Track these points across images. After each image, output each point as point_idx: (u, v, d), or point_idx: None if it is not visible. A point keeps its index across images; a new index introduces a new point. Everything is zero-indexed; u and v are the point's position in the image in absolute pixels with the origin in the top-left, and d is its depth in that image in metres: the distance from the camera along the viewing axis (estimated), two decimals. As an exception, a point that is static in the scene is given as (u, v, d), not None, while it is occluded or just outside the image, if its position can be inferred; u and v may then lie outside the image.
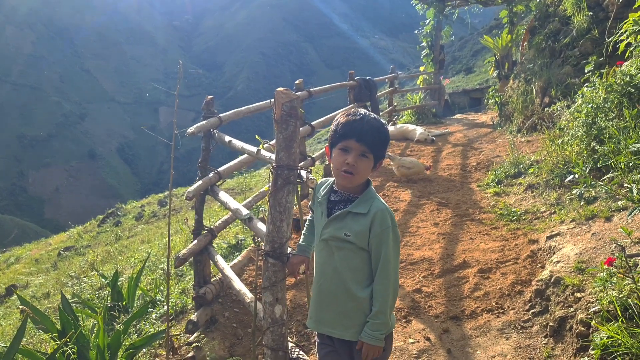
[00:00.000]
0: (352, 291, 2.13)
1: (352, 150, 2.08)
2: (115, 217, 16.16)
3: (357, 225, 2.10)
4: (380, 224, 2.07)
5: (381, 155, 2.17)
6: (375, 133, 2.10)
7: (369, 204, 2.12)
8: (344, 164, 2.09)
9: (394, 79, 13.76)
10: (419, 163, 7.67)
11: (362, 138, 2.07)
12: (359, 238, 2.09)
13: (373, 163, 2.13)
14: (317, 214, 2.27)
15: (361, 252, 2.12)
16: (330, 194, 2.23)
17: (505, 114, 10.94)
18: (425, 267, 4.72)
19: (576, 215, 4.52)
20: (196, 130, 4.20)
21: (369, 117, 2.12)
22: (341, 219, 2.14)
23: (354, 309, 2.14)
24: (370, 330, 2.09)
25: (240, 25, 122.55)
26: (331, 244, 2.15)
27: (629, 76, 4.79)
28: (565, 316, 3.28)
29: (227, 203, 3.93)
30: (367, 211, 2.09)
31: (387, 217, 2.09)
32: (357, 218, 2.11)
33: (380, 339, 2.11)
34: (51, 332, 3.90)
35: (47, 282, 9.24)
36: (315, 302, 2.26)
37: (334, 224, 2.15)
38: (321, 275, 2.22)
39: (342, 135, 2.11)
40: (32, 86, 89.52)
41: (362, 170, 2.10)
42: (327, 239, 2.16)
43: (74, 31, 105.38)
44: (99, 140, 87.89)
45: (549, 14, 9.75)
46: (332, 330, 2.20)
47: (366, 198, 2.14)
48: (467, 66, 52.77)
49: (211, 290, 4.31)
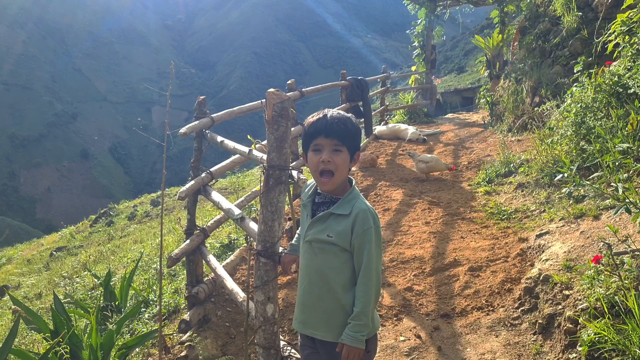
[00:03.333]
0: (335, 293, 2.13)
1: (324, 147, 2.09)
2: (107, 217, 16.09)
3: (339, 226, 2.09)
4: (362, 224, 2.06)
5: (355, 147, 2.15)
6: (342, 125, 2.09)
7: (351, 204, 2.11)
8: (319, 163, 2.09)
9: (386, 79, 13.80)
10: (439, 160, 7.59)
11: (329, 132, 2.08)
12: (341, 239, 2.09)
13: (349, 156, 2.13)
14: (302, 216, 2.29)
15: (344, 254, 2.11)
16: (314, 196, 2.24)
17: (496, 114, 11.00)
18: (416, 265, 4.75)
19: (565, 213, 4.57)
20: (188, 131, 4.21)
21: (332, 112, 2.14)
22: (323, 220, 2.14)
23: (337, 311, 2.14)
24: (351, 331, 2.06)
25: (233, 25, 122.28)
26: (314, 246, 2.16)
27: (617, 76, 4.85)
28: (553, 313, 3.32)
29: (220, 203, 3.95)
30: (349, 212, 2.09)
31: (369, 217, 2.08)
32: (339, 219, 2.10)
33: (361, 340, 2.07)
34: (44, 332, 3.90)
35: (39, 282, 9.20)
36: (299, 303, 2.26)
37: (316, 226, 2.16)
38: (305, 276, 2.22)
39: (310, 135, 2.13)
40: (23, 86, 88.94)
41: (339, 165, 2.09)
42: (310, 240, 2.17)
43: (66, 30, 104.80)
44: (91, 139, 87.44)
45: (539, 14, 9.81)
46: (315, 331, 2.19)
47: (348, 199, 2.13)
48: (458, 66, 52.97)
49: (204, 289, 4.32)
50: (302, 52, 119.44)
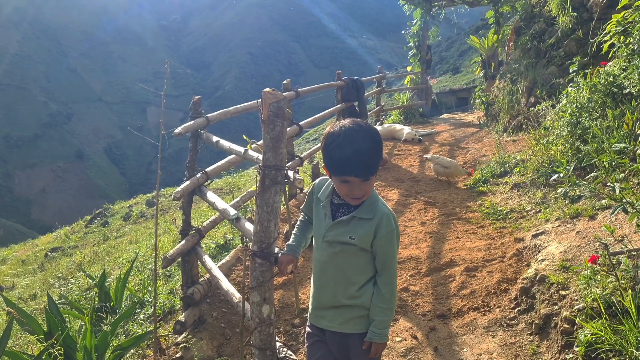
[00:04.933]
0: (354, 289, 2.21)
1: (354, 183, 2.06)
2: (102, 217, 16.03)
3: (362, 229, 2.15)
4: (386, 227, 2.14)
5: (379, 165, 2.14)
6: (371, 160, 2.04)
7: (373, 208, 2.16)
8: (349, 194, 2.10)
9: (382, 79, 13.80)
10: (458, 165, 7.42)
11: (361, 173, 2.04)
12: (363, 241, 2.15)
13: (375, 175, 2.15)
14: (319, 214, 2.29)
15: (363, 253, 2.18)
16: (332, 196, 2.25)
17: (492, 114, 11.02)
18: (412, 265, 4.75)
19: (561, 213, 4.57)
20: (183, 131, 4.20)
21: (360, 142, 2.00)
22: (346, 223, 2.18)
23: (352, 305, 2.22)
24: (378, 329, 2.18)
25: (228, 25, 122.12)
26: (335, 245, 2.20)
27: (613, 76, 4.85)
28: (550, 314, 3.32)
29: (215, 203, 3.94)
30: (372, 216, 2.14)
31: (391, 221, 2.17)
32: (362, 222, 2.15)
33: (387, 335, 2.22)
34: (37, 333, 3.87)
35: (33, 283, 9.14)
36: (315, 298, 2.32)
37: (338, 228, 2.19)
38: (322, 273, 2.27)
39: (338, 170, 2.06)
40: (18, 86, 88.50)
41: (368, 191, 2.13)
42: (330, 240, 2.21)
43: (61, 30, 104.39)
44: (86, 140, 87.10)
45: (535, 14, 9.84)
46: (331, 324, 2.27)
47: (370, 202, 2.17)
48: (454, 66, 53.04)
49: (199, 290, 4.31)
50: (298, 53, 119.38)
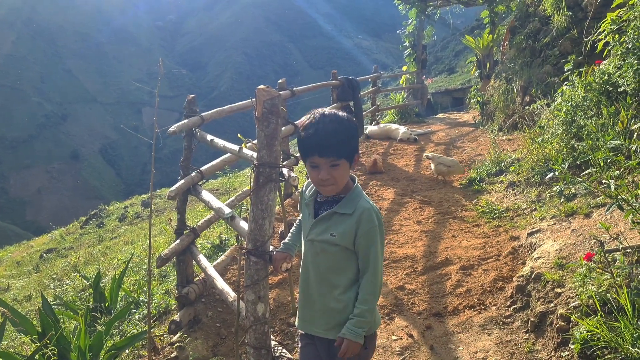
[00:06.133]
0: (337, 292, 2.13)
1: (320, 165, 2.03)
2: (98, 218, 15.97)
3: (343, 225, 2.07)
4: (367, 223, 2.05)
5: (352, 152, 2.08)
6: (335, 139, 2.00)
7: (354, 203, 2.09)
8: (318, 179, 2.05)
9: (377, 79, 13.80)
10: (458, 163, 7.40)
11: (323, 152, 2.00)
12: (344, 238, 2.07)
13: (348, 164, 2.07)
14: (304, 215, 2.27)
15: (346, 253, 2.10)
16: (317, 194, 2.21)
17: (487, 113, 11.03)
18: (408, 264, 4.74)
19: (556, 212, 4.58)
20: (178, 129, 4.18)
21: (323, 123, 2.02)
22: (327, 219, 2.12)
23: (338, 310, 2.14)
24: (353, 326, 2.07)
25: (223, 26, 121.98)
26: (317, 245, 2.14)
27: (607, 75, 4.86)
28: (545, 311, 3.32)
29: (210, 202, 3.92)
30: (352, 211, 2.07)
31: (373, 216, 2.06)
32: (342, 218, 2.08)
33: (361, 335, 2.08)
34: (31, 334, 3.85)
35: (28, 284, 9.10)
36: (301, 302, 2.27)
37: (319, 225, 2.14)
38: (306, 275, 2.21)
39: (304, 150, 2.06)
40: (12, 86, 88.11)
41: (339, 178, 2.05)
42: (313, 239, 2.16)
43: (55, 31, 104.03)
44: (81, 141, 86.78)
45: (529, 14, 9.85)
46: (317, 329, 2.21)
47: (352, 197, 2.11)
48: (449, 66, 53.15)
49: (194, 290, 4.29)
50: (293, 53, 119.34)
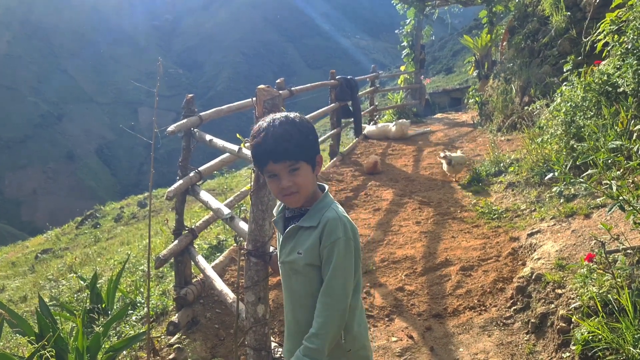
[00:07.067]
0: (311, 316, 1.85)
1: (279, 172, 1.81)
2: (94, 218, 15.94)
3: (308, 240, 1.83)
4: (329, 235, 1.79)
5: (313, 154, 1.86)
6: (287, 141, 1.78)
7: (320, 214, 1.84)
8: (280, 190, 1.83)
9: (375, 79, 13.78)
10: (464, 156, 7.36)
11: (277, 156, 1.78)
12: (310, 255, 1.83)
13: (309, 166, 1.85)
14: (277, 235, 2.06)
15: (314, 272, 1.85)
16: (285, 210, 1.99)
17: (486, 113, 11.03)
18: (407, 265, 4.72)
19: (556, 212, 4.57)
20: (176, 129, 4.16)
21: (273, 127, 1.80)
22: (293, 236, 1.90)
23: None
24: (300, 352, 1.79)
25: (220, 25, 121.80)
26: (287, 267, 1.93)
27: (607, 75, 4.85)
28: (546, 312, 3.30)
29: (208, 202, 3.90)
30: (316, 223, 1.82)
31: (338, 227, 1.80)
32: (308, 232, 1.85)
33: None
34: (29, 335, 3.82)
35: (24, 285, 9.06)
36: (285, 331, 2.05)
37: (287, 244, 1.92)
38: (286, 302, 1.99)
39: (258, 162, 1.86)
40: (8, 86, 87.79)
41: (302, 184, 1.82)
42: (284, 261, 1.94)
43: (51, 30, 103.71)
44: (77, 141, 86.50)
45: (528, 14, 9.85)
46: None
47: (318, 208, 1.87)
48: (447, 66, 53.11)
49: (192, 291, 4.26)
50: (291, 53, 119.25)
